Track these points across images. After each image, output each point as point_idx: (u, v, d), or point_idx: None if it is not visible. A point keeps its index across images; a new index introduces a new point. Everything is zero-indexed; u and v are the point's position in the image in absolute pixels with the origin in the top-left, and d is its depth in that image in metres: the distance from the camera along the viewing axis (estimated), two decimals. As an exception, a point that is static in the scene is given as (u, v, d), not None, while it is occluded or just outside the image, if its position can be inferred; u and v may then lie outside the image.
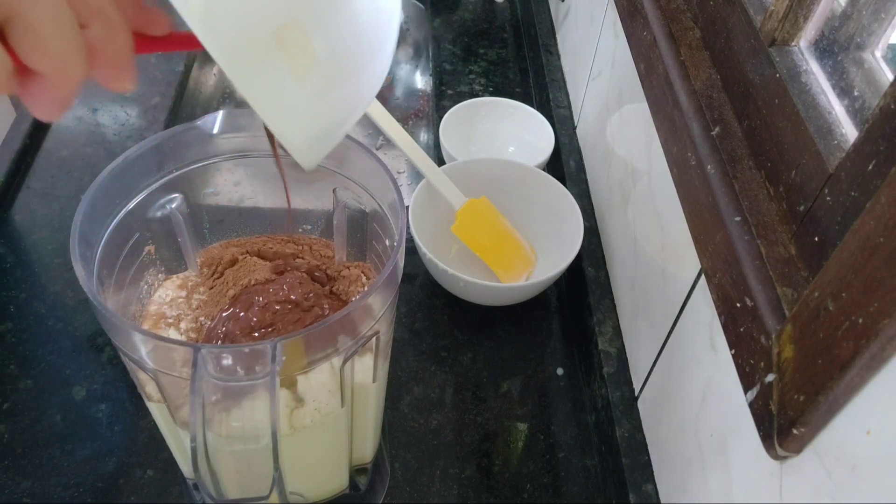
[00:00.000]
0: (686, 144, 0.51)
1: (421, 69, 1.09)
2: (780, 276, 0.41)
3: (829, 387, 0.33)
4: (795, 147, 0.44)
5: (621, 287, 0.71)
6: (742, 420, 0.44)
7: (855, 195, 0.37)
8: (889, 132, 0.35)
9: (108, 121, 0.90)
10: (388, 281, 0.42)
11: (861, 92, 0.43)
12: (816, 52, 0.47)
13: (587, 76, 0.88)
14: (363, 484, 0.59)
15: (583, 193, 0.83)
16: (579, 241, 0.72)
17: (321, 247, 0.56)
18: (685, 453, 0.53)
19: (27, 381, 0.66)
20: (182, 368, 0.39)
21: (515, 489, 0.63)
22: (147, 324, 0.50)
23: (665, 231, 0.60)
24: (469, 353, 0.73)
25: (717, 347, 0.49)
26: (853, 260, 0.33)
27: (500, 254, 0.77)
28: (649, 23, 0.61)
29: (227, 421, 0.40)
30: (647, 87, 0.61)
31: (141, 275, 0.50)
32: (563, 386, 0.71)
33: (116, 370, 0.67)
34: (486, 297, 0.74)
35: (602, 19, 0.83)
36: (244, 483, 0.43)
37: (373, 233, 0.52)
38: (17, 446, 0.62)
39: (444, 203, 0.75)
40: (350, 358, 0.43)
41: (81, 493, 0.59)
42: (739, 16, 0.52)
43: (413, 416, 0.67)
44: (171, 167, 0.47)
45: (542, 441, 0.67)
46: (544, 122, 0.88)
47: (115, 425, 0.64)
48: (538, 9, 1.12)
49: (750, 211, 0.45)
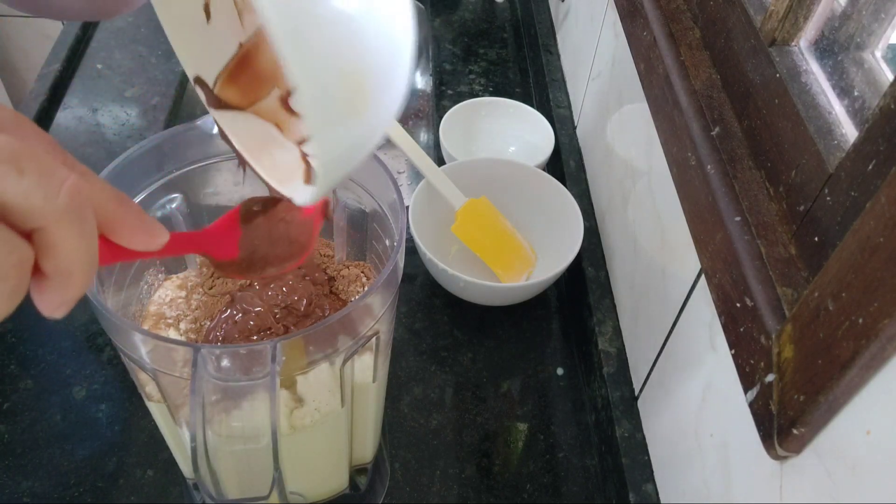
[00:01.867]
0: (686, 144, 0.51)
1: (421, 69, 1.09)
2: (780, 276, 0.41)
3: (829, 387, 0.33)
4: (795, 147, 0.44)
5: (621, 287, 0.71)
6: (742, 420, 0.44)
7: (855, 195, 0.37)
8: (889, 132, 0.35)
9: (108, 121, 0.90)
10: (388, 281, 0.42)
11: (861, 92, 0.43)
12: (816, 52, 0.47)
13: (587, 76, 0.88)
14: (363, 484, 0.59)
15: (583, 193, 0.83)
16: (579, 241, 0.72)
17: (321, 246, 0.56)
18: (685, 453, 0.53)
19: (27, 381, 0.66)
20: (182, 368, 0.39)
21: (515, 489, 0.63)
22: (147, 324, 0.50)
23: (665, 231, 0.60)
24: (469, 353, 0.73)
25: (717, 347, 0.48)
26: (853, 260, 0.33)
27: (500, 254, 0.77)
28: (649, 23, 0.61)
29: (227, 421, 0.40)
30: (647, 87, 0.61)
31: (141, 275, 0.50)
32: (563, 386, 0.71)
33: (116, 370, 0.67)
34: (486, 297, 0.74)
35: (602, 19, 0.83)
36: (244, 483, 0.43)
37: (373, 233, 0.52)
38: (17, 446, 0.62)
39: (444, 203, 0.75)
40: (350, 358, 0.43)
41: (81, 493, 0.59)
42: (739, 16, 0.52)
43: (413, 416, 0.67)
44: (171, 167, 0.47)
45: (542, 441, 0.67)
46: (544, 122, 0.88)
47: (115, 425, 0.64)
48: (538, 9, 1.12)
49: (750, 211, 0.45)
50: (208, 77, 0.37)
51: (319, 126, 0.27)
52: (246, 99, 0.38)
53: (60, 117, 0.90)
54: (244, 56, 0.38)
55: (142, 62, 0.99)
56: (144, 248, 0.30)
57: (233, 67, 0.38)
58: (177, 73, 0.97)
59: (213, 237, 0.37)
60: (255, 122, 0.38)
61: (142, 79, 0.96)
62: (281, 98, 0.38)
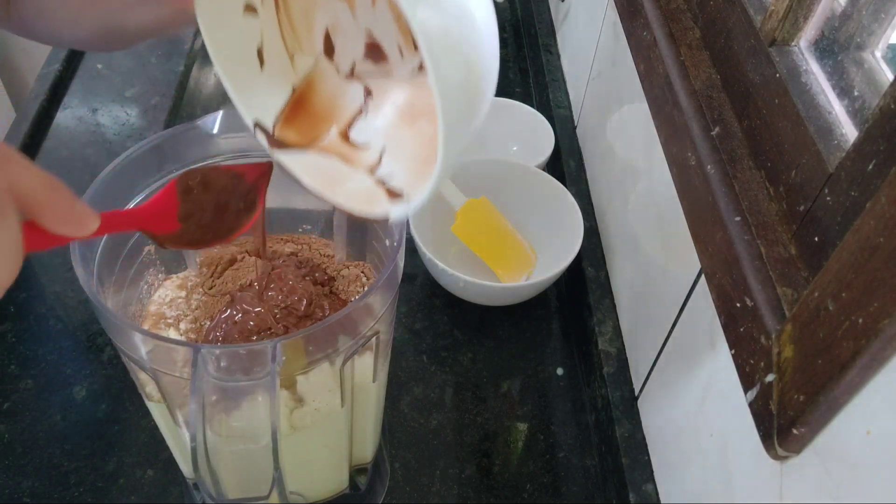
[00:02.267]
0: (686, 144, 0.51)
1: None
2: (780, 276, 0.41)
3: (829, 387, 0.33)
4: (795, 147, 0.44)
5: (621, 287, 0.71)
6: (742, 420, 0.44)
7: (855, 195, 0.37)
8: (889, 132, 0.35)
9: (108, 121, 0.90)
10: (388, 281, 0.42)
11: (861, 92, 0.43)
12: (816, 52, 0.47)
13: (587, 76, 0.88)
14: (363, 484, 0.59)
15: (583, 193, 0.83)
16: (579, 241, 0.72)
17: (321, 246, 0.56)
18: (685, 453, 0.53)
19: (27, 381, 0.66)
20: (182, 368, 0.39)
21: (515, 489, 0.63)
22: (147, 324, 0.50)
23: (665, 231, 0.60)
24: (469, 353, 0.73)
25: (717, 347, 0.48)
26: (853, 260, 0.33)
27: (500, 254, 0.77)
28: (649, 23, 0.61)
29: (227, 421, 0.40)
30: (647, 87, 0.61)
31: (141, 275, 0.50)
32: (563, 386, 0.71)
33: (116, 370, 0.67)
34: (486, 297, 0.74)
35: (602, 19, 0.83)
36: (244, 483, 0.43)
37: (373, 233, 0.52)
38: (17, 446, 0.62)
39: (444, 203, 0.75)
40: (350, 358, 0.43)
41: (81, 493, 0.60)
42: (739, 16, 0.52)
43: (413, 416, 0.67)
44: (171, 167, 0.47)
45: (542, 441, 0.67)
46: (544, 122, 0.88)
47: (114, 425, 0.64)
48: (538, 9, 1.12)
49: (750, 211, 0.45)
50: (266, 121, 0.39)
51: (450, 123, 0.29)
52: (306, 138, 0.39)
53: (60, 117, 0.90)
54: (299, 98, 0.39)
55: (142, 62, 0.99)
56: (74, 235, 0.30)
57: (289, 110, 0.39)
58: (177, 73, 0.97)
59: (151, 212, 0.37)
60: (319, 158, 0.39)
61: (142, 79, 0.96)
62: (341, 133, 0.39)
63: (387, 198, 0.36)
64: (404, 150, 0.38)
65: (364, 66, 0.39)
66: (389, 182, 0.37)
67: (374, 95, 0.39)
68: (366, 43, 0.38)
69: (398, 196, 0.36)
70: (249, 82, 0.38)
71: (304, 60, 0.39)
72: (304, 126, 0.39)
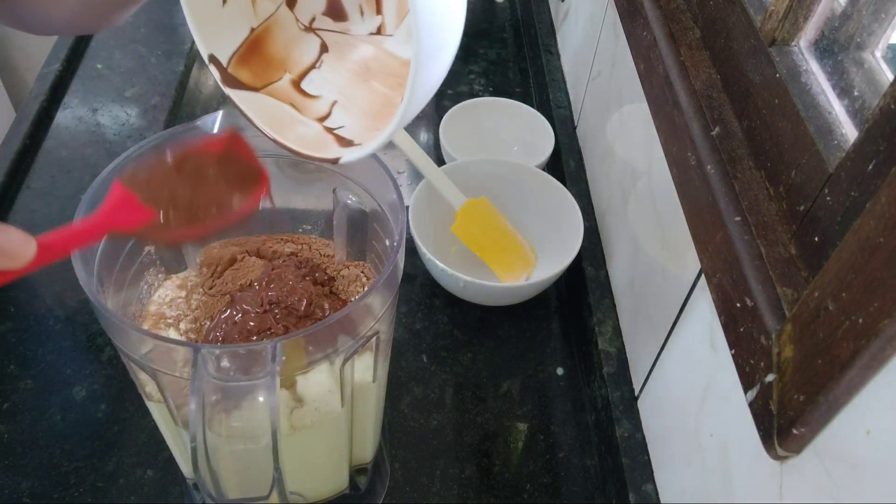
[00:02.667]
0: (686, 144, 0.51)
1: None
2: (780, 276, 0.41)
3: (829, 387, 0.33)
4: (795, 147, 0.44)
5: (621, 287, 0.71)
6: (742, 420, 0.44)
7: (855, 195, 0.37)
8: (889, 132, 0.35)
9: (108, 121, 0.90)
10: (388, 281, 0.42)
11: (861, 92, 0.43)
12: (816, 52, 0.47)
13: (587, 76, 0.88)
14: (363, 484, 0.59)
15: (583, 193, 0.83)
16: (579, 241, 0.72)
17: (321, 246, 0.56)
18: (685, 453, 0.53)
19: (27, 381, 0.66)
20: (182, 368, 0.39)
21: (515, 489, 0.63)
22: (147, 324, 0.50)
23: (665, 231, 0.60)
24: (469, 353, 0.73)
25: (717, 347, 0.48)
26: (853, 260, 0.33)
27: (500, 254, 0.77)
28: (649, 23, 0.61)
29: (227, 421, 0.40)
30: (647, 87, 0.61)
31: (141, 275, 0.50)
32: (563, 386, 0.71)
33: (116, 370, 0.67)
34: (486, 297, 0.74)
35: (602, 19, 0.83)
36: (244, 483, 0.42)
37: (373, 233, 0.52)
38: (17, 446, 0.62)
39: (444, 203, 0.75)
40: (350, 358, 0.43)
41: (81, 493, 0.60)
42: (739, 16, 0.52)
43: (413, 416, 0.67)
44: (171, 167, 0.47)
45: (542, 441, 0.67)
46: (544, 122, 0.88)
47: (114, 425, 0.64)
48: (538, 9, 1.12)
49: (750, 211, 0.45)
50: (222, 57, 0.39)
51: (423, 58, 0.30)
52: (259, 80, 0.40)
53: (60, 117, 0.90)
54: (255, 40, 0.40)
55: (142, 62, 0.99)
56: (9, 268, 0.28)
57: (244, 50, 0.40)
58: (177, 73, 0.97)
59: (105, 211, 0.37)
60: (270, 102, 0.40)
61: (142, 79, 0.96)
62: (293, 82, 0.40)
63: (336, 144, 0.37)
64: (355, 105, 0.39)
65: (323, 21, 0.40)
66: (339, 131, 0.38)
67: (329, 51, 0.40)
68: (328, 1, 0.39)
69: (349, 143, 0.37)
70: (210, 17, 0.39)
71: (265, 5, 0.40)
72: (257, 68, 0.40)
